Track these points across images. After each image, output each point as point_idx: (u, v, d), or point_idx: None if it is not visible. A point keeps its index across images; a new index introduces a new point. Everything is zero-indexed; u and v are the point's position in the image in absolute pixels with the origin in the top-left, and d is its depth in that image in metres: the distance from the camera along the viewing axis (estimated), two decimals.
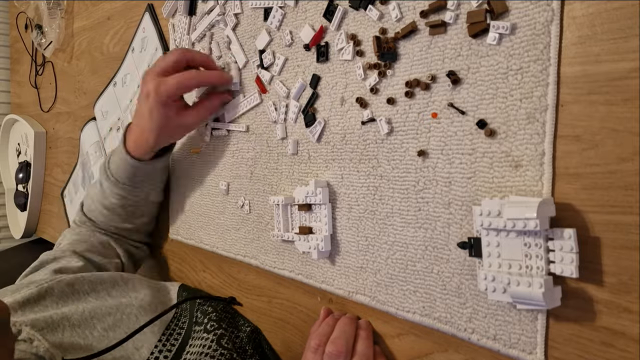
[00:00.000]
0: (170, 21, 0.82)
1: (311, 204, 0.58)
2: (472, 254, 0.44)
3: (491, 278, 0.41)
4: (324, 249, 0.56)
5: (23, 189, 1.43)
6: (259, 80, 0.65)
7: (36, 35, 1.31)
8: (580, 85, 0.38)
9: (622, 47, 0.36)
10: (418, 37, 0.48)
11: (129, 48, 0.96)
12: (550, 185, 0.39)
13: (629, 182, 0.35)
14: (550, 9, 0.39)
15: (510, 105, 0.42)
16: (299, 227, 0.58)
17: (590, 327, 0.38)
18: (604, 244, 0.37)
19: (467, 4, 0.44)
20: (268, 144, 0.65)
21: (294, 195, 0.59)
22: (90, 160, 1.07)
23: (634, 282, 0.35)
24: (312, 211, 0.58)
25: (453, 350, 0.47)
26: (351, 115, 0.54)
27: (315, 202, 0.57)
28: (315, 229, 0.58)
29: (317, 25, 0.57)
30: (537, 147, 0.40)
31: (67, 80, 1.25)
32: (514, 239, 0.40)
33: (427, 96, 0.47)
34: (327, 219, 0.56)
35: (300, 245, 0.58)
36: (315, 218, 0.58)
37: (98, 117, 1.08)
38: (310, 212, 0.58)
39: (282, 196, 0.60)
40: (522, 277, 0.39)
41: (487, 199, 0.42)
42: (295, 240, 0.59)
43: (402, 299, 0.50)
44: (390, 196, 0.51)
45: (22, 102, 1.53)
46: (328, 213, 0.56)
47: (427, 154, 0.48)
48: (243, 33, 0.68)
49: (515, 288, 0.39)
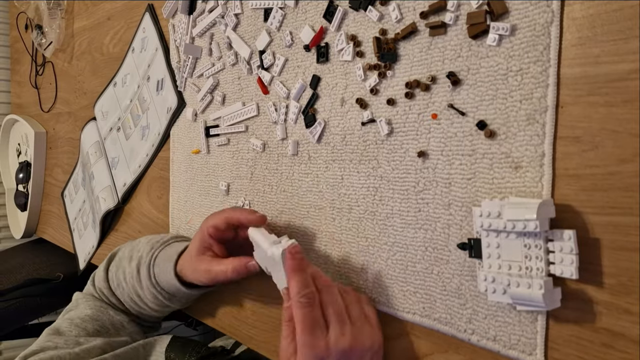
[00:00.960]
0: (170, 21, 0.82)
1: None
2: (472, 255, 0.44)
3: (491, 279, 0.41)
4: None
5: (23, 189, 1.43)
6: (261, 81, 0.65)
7: (36, 36, 1.31)
8: (580, 87, 0.38)
9: (621, 48, 0.36)
10: (418, 38, 0.48)
11: (129, 48, 0.96)
12: (550, 187, 0.39)
13: (628, 184, 0.35)
14: (550, 10, 0.39)
15: (510, 107, 0.42)
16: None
17: (590, 329, 0.38)
18: (603, 246, 0.37)
19: (467, 5, 0.44)
20: (268, 145, 0.65)
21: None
22: (90, 161, 1.07)
23: (634, 284, 0.35)
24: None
25: (453, 351, 0.47)
26: (351, 116, 0.54)
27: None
28: None
29: (317, 26, 0.57)
30: (537, 148, 0.40)
31: (67, 81, 1.25)
32: (513, 240, 0.40)
33: (427, 97, 0.47)
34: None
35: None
36: None
37: (98, 117, 1.08)
38: None
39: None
40: (522, 278, 0.39)
41: (487, 200, 0.42)
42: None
43: (402, 300, 0.50)
44: (390, 197, 0.51)
45: (23, 102, 1.53)
46: None
47: (427, 155, 0.48)
48: (243, 34, 0.68)
49: (515, 289, 0.39)
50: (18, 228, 1.47)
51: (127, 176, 0.96)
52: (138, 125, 0.93)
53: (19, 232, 1.45)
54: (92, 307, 0.70)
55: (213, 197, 0.74)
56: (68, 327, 0.67)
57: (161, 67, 0.85)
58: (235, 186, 0.71)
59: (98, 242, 1.04)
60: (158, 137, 0.87)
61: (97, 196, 1.02)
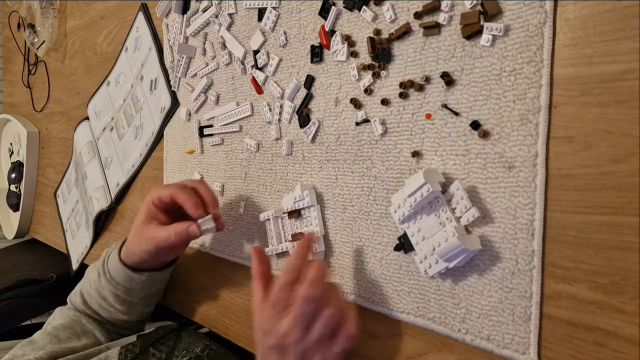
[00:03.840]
0: (164, 21, 0.82)
1: (300, 209, 0.58)
2: (406, 251, 0.48)
3: (424, 257, 0.45)
4: (318, 249, 0.56)
5: (15, 189, 1.42)
6: (255, 81, 0.65)
7: (29, 35, 1.30)
8: (573, 87, 0.38)
9: (614, 49, 0.36)
10: (412, 38, 0.48)
11: (122, 48, 0.96)
12: (543, 186, 0.40)
13: (621, 184, 0.36)
14: (543, 10, 0.39)
15: (503, 107, 0.42)
16: (292, 235, 0.58)
17: (583, 328, 0.38)
18: (596, 245, 0.37)
19: (461, 6, 0.44)
20: (262, 145, 0.65)
21: (283, 204, 0.59)
22: (83, 161, 1.06)
23: (627, 283, 0.36)
24: (302, 217, 0.58)
25: (447, 351, 0.47)
26: (345, 116, 0.54)
27: (304, 206, 0.57)
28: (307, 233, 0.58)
29: (317, 27, 0.57)
30: (531, 148, 0.40)
31: (60, 80, 1.24)
32: (427, 217, 0.46)
33: (421, 97, 0.47)
34: (317, 220, 0.56)
35: None
36: (307, 223, 0.58)
37: (91, 117, 1.07)
38: (300, 219, 0.59)
39: (271, 210, 0.61)
40: (441, 237, 0.44)
41: (395, 195, 0.47)
42: (289, 249, 0.59)
43: (396, 300, 0.50)
44: (384, 197, 0.51)
45: (15, 101, 1.52)
46: (318, 214, 0.56)
47: (421, 155, 0.48)
48: (237, 33, 0.68)
49: (439, 248, 0.44)
50: (10, 228, 1.46)
51: (120, 176, 0.96)
52: (131, 125, 0.93)
53: (11, 232, 1.44)
54: (65, 317, 0.73)
55: None
56: (41, 336, 0.69)
57: (155, 66, 0.85)
58: (229, 186, 0.70)
59: (91, 243, 1.03)
60: (151, 137, 0.86)
61: (90, 196, 1.01)
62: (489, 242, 0.43)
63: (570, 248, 0.38)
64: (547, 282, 0.40)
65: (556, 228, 0.39)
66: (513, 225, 0.41)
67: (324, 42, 0.55)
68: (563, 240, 0.39)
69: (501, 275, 0.42)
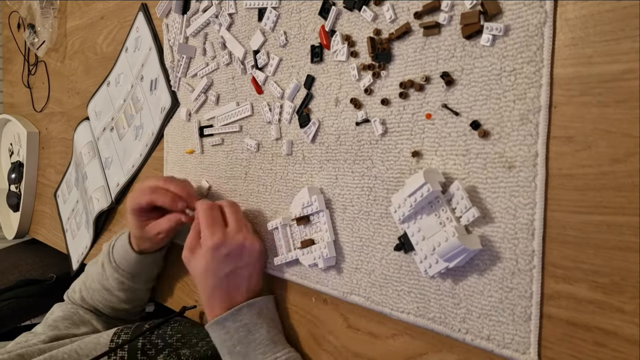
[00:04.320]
0: (164, 21, 0.82)
1: (309, 215, 0.57)
2: (406, 251, 0.48)
3: (424, 257, 0.45)
4: (329, 255, 0.55)
5: (16, 189, 1.42)
6: (255, 81, 0.65)
7: (29, 35, 1.30)
8: (573, 87, 0.38)
9: (614, 49, 0.36)
10: (412, 38, 0.48)
11: (122, 48, 0.96)
12: (543, 186, 0.40)
13: (621, 184, 0.36)
14: (544, 10, 0.39)
15: (503, 107, 0.42)
16: (301, 242, 0.58)
17: (583, 328, 0.38)
18: (596, 245, 0.37)
19: (461, 5, 0.44)
20: (262, 145, 0.65)
21: (291, 210, 0.59)
22: (83, 161, 1.06)
23: (627, 283, 0.36)
24: (311, 223, 0.58)
25: (447, 351, 0.47)
26: (345, 116, 0.54)
27: (313, 212, 0.56)
28: (317, 239, 0.57)
29: (317, 27, 0.57)
30: (531, 148, 0.40)
31: (60, 80, 1.24)
32: (427, 217, 0.46)
33: (421, 97, 0.47)
34: (327, 226, 0.55)
35: (304, 260, 0.57)
36: (316, 229, 0.57)
37: (91, 117, 1.07)
38: (309, 225, 0.58)
39: (279, 218, 0.60)
40: (441, 237, 0.44)
41: (395, 195, 0.46)
42: (299, 257, 0.58)
43: (396, 300, 0.50)
44: (384, 197, 0.51)
45: (15, 101, 1.52)
46: (327, 220, 0.56)
47: (421, 155, 0.48)
48: (237, 33, 0.68)
49: (439, 248, 0.43)
50: (10, 229, 1.46)
51: (120, 176, 0.96)
52: (131, 125, 0.93)
53: (11, 232, 1.44)
54: (63, 310, 0.77)
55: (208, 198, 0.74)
56: (41, 328, 0.73)
57: (155, 66, 0.85)
58: (229, 186, 0.70)
59: (91, 243, 1.03)
60: (152, 137, 0.86)
61: (91, 196, 1.01)
62: (489, 242, 0.43)
63: (570, 248, 0.38)
64: (547, 282, 0.40)
65: (556, 228, 0.39)
66: (513, 225, 0.41)
67: (324, 42, 0.55)
68: (563, 240, 0.39)
69: (501, 275, 0.42)
